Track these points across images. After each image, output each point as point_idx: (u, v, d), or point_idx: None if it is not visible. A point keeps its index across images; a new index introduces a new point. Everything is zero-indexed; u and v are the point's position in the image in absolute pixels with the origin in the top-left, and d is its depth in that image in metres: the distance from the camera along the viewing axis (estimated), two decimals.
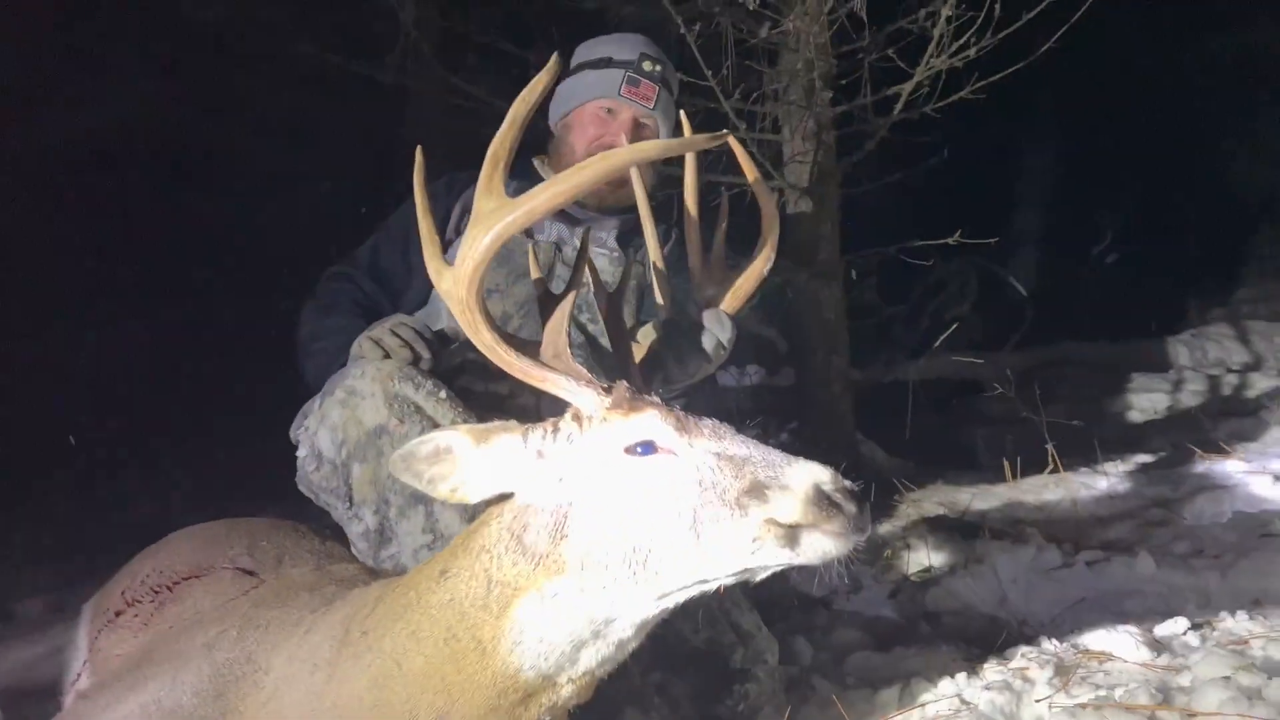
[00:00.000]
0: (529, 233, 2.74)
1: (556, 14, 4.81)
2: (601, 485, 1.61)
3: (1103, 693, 2.07)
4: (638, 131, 2.90)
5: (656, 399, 1.71)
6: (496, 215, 1.63)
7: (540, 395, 2.60)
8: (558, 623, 1.59)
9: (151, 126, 4.96)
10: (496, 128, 1.67)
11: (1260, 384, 6.05)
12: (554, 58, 1.61)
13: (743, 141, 2.77)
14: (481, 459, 1.68)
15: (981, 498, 3.81)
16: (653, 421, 1.63)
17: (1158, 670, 2.24)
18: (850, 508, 1.53)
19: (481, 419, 2.36)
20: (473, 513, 2.28)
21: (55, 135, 4.72)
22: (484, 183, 1.64)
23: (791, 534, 1.53)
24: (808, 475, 1.56)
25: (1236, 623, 2.59)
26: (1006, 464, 3.91)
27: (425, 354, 2.33)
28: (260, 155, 5.38)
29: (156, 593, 2.11)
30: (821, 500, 1.53)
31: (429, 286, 2.83)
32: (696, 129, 4.66)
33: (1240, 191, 10.43)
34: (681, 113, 2.44)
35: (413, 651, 1.62)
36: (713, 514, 1.54)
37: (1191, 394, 6.08)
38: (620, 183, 2.79)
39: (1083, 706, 1.97)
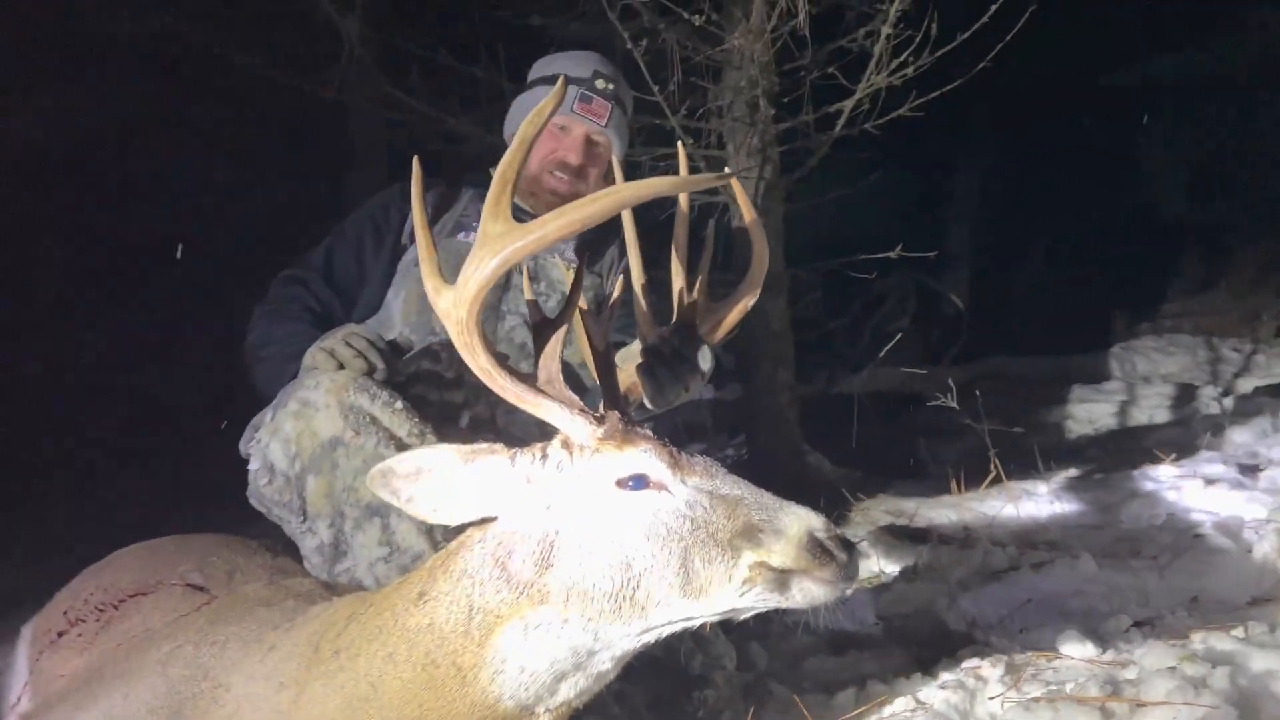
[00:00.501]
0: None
1: (500, 30, 4.82)
2: (591, 517, 1.59)
3: (1053, 688, 2.11)
4: (590, 148, 2.92)
5: (649, 432, 1.69)
6: (505, 240, 1.57)
7: (496, 407, 2.61)
8: (540, 653, 1.57)
9: (88, 139, 4.86)
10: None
11: (1187, 394, 6.26)
12: (560, 80, 1.59)
13: (690, 157, 2.82)
14: (466, 480, 1.64)
15: (927, 505, 3.87)
16: (646, 456, 1.62)
17: (1104, 665, 2.30)
18: (842, 556, 1.55)
19: (437, 429, 2.34)
20: (429, 527, 2.26)
21: None
22: (491, 205, 1.58)
23: (782, 579, 1.54)
24: (802, 521, 1.58)
25: (1176, 619, 2.68)
26: (950, 472, 3.99)
27: (380, 364, 2.30)
28: (200, 169, 5.30)
29: (102, 611, 2.05)
30: (814, 547, 1.54)
31: (381, 292, 2.80)
32: (643, 144, 4.75)
33: (1161, 211, 10.84)
34: (680, 146, 2.31)
35: (389, 675, 1.58)
36: (704, 554, 1.55)
37: (1123, 405, 6.27)
38: (575, 197, 2.76)
39: (1036, 700, 2.01)
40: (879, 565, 3.34)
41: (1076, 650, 2.46)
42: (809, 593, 1.55)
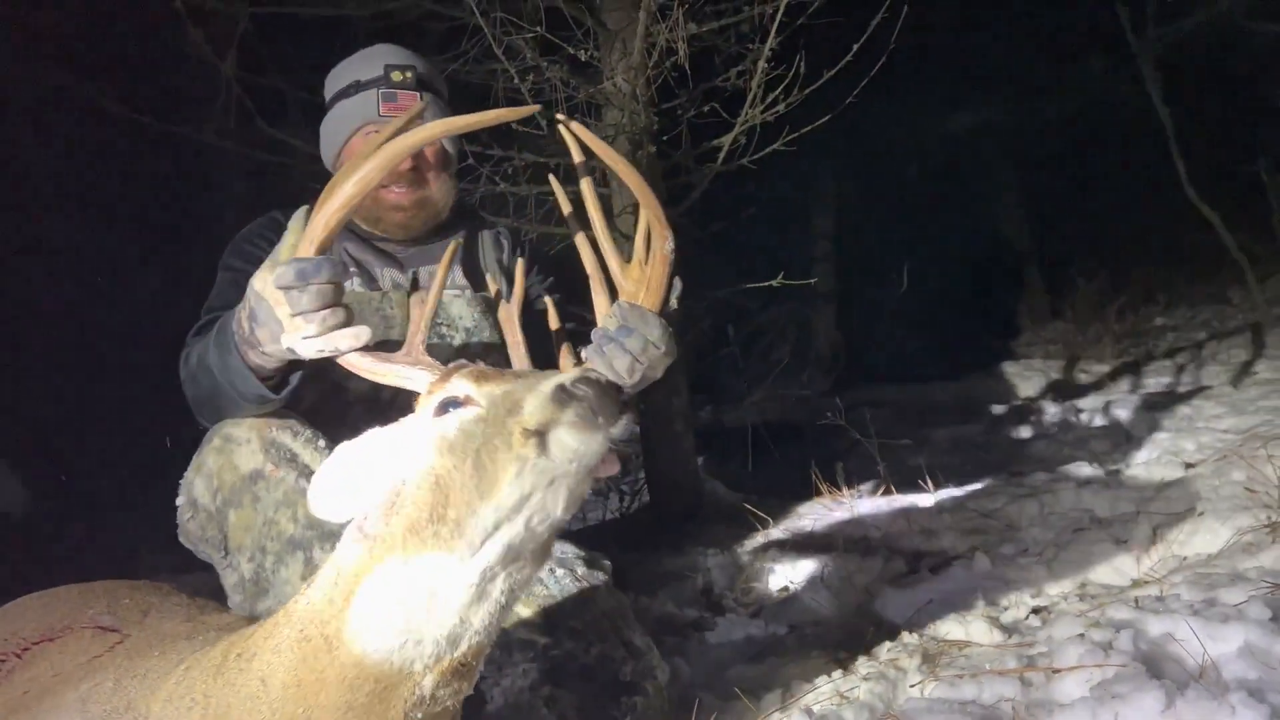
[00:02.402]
0: (372, 285, 2.64)
1: None
2: (417, 449, 1.56)
3: (971, 671, 2.20)
4: None
5: (471, 364, 1.67)
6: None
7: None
8: (391, 600, 1.51)
9: None
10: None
11: (1046, 412, 6.64)
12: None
13: (571, 194, 2.81)
14: (361, 467, 1.60)
15: (823, 521, 3.98)
16: (457, 380, 1.60)
17: (1012, 648, 2.41)
18: (583, 390, 1.46)
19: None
20: None
21: None
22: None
23: (542, 442, 1.46)
24: (557, 377, 1.52)
25: (1069, 604, 2.83)
26: (845, 488, 4.12)
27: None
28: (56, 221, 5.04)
29: (2, 661, 1.91)
30: (559, 393, 1.47)
31: None
32: (526, 182, 4.78)
33: (1007, 246, 11.57)
34: (586, 184, 1.98)
35: (275, 664, 1.53)
36: (489, 446, 1.49)
37: (991, 424, 6.61)
38: (420, 205, 2.69)
39: (959, 677, 2.09)
40: (786, 579, 3.40)
41: (985, 637, 2.57)
42: (563, 445, 1.45)
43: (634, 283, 1.83)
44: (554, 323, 2.03)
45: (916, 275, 6.13)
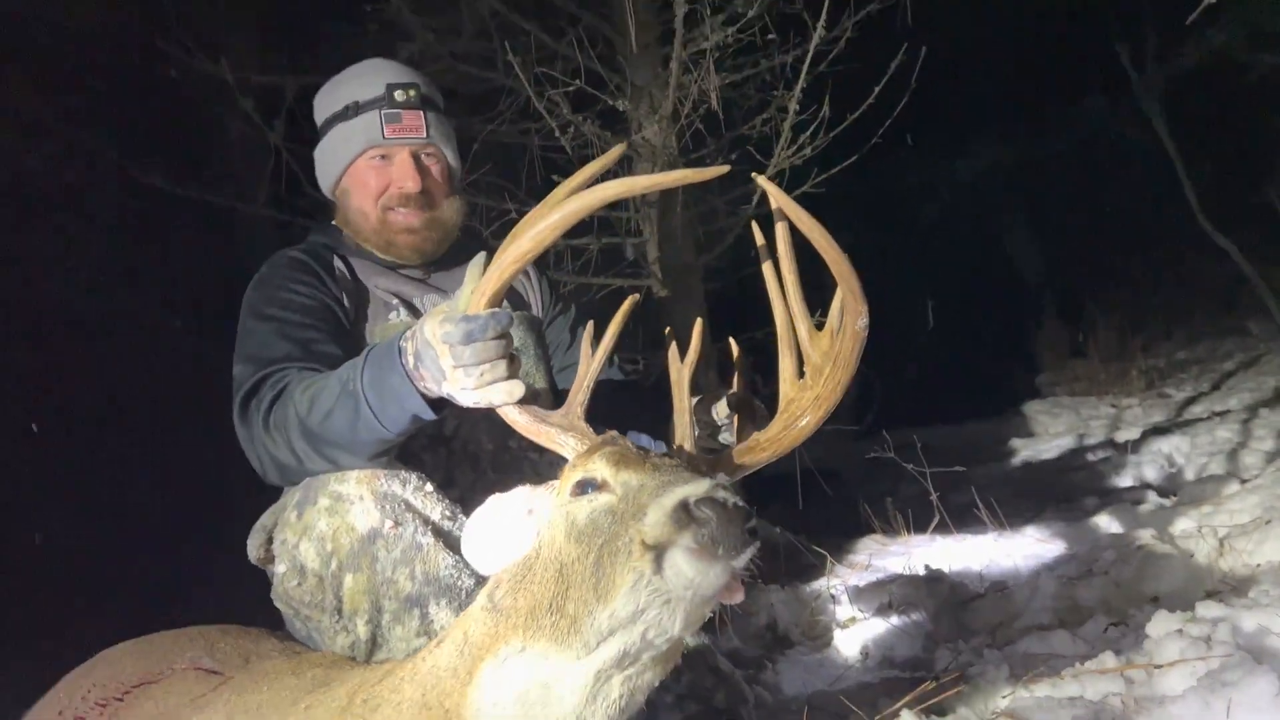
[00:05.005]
0: (416, 316, 2.52)
1: None
2: (551, 527, 1.52)
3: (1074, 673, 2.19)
4: (422, 166, 2.58)
5: (622, 438, 1.64)
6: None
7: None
8: (509, 685, 1.48)
9: None
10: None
11: (1083, 445, 6.63)
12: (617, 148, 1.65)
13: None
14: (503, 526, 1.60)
15: (882, 554, 3.96)
16: (597, 461, 1.53)
17: (1103, 653, 2.38)
18: (704, 514, 1.33)
19: (464, 499, 2.25)
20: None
21: None
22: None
23: (658, 559, 1.36)
24: (684, 489, 1.38)
25: (1145, 614, 2.81)
26: (901, 522, 4.11)
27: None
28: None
29: (104, 705, 1.92)
30: (680, 512, 1.35)
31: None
32: (563, 238, 4.86)
33: (1028, 282, 11.64)
34: (784, 246, 1.84)
35: None
36: (611, 546, 1.40)
37: (1028, 461, 6.59)
38: (430, 226, 2.57)
39: (1060, 678, 2.08)
40: (853, 609, 3.38)
41: (1068, 648, 2.56)
42: (678, 570, 1.34)
43: (822, 355, 1.76)
44: (693, 352, 1.90)
45: (938, 315, 6.15)
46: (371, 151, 2.54)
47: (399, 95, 2.52)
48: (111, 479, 4.72)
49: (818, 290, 1.87)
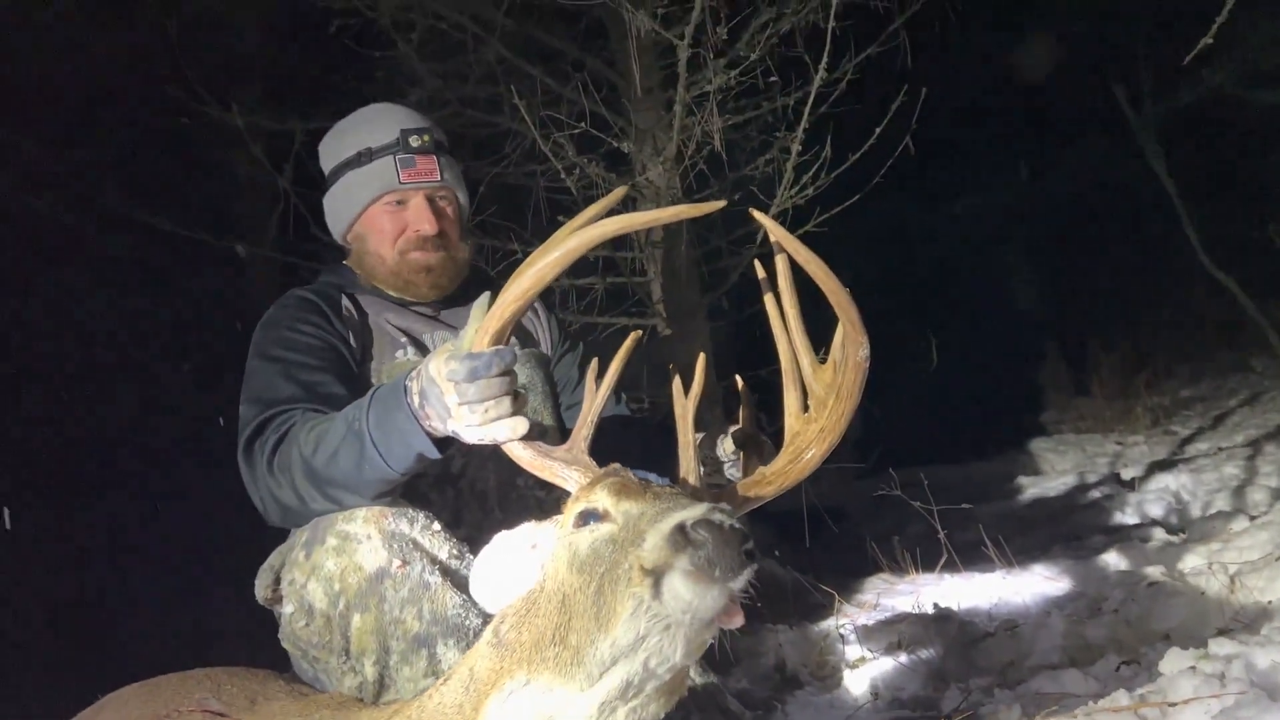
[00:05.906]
0: (424, 353, 2.54)
1: None
2: (555, 559, 1.53)
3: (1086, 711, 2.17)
4: (436, 209, 2.59)
5: (624, 470, 1.63)
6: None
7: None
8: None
9: None
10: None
11: (1090, 482, 6.60)
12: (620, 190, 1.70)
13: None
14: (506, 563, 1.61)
15: (890, 592, 3.94)
16: (599, 491, 1.54)
17: (1115, 692, 2.37)
18: (700, 535, 1.33)
19: (471, 538, 2.26)
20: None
21: None
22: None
23: (656, 583, 1.36)
24: (682, 513, 1.38)
25: (1157, 652, 2.78)
26: (908, 560, 4.09)
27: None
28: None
29: None
30: (677, 535, 1.34)
31: None
32: (567, 276, 4.90)
33: (1030, 320, 11.66)
34: (785, 282, 1.86)
35: None
36: (613, 574, 1.41)
37: (1036, 498, 6.56)
38: (445, 264, 2.61)
39: (1074, 716, 2.06)
40: (861, 649, 3.36)
41: (1080, 687, 2.53)
42: (676, 594, 1.34)
43: (825, 387, 1.77)
44: (697, 386, 1.87)
45: (941, 354, 6.17)
46: (387, 197, 2.56)
47: (413, 140, 2.55)
48: (118, 524, 4.72)
49: (821, 327, 1.90)
